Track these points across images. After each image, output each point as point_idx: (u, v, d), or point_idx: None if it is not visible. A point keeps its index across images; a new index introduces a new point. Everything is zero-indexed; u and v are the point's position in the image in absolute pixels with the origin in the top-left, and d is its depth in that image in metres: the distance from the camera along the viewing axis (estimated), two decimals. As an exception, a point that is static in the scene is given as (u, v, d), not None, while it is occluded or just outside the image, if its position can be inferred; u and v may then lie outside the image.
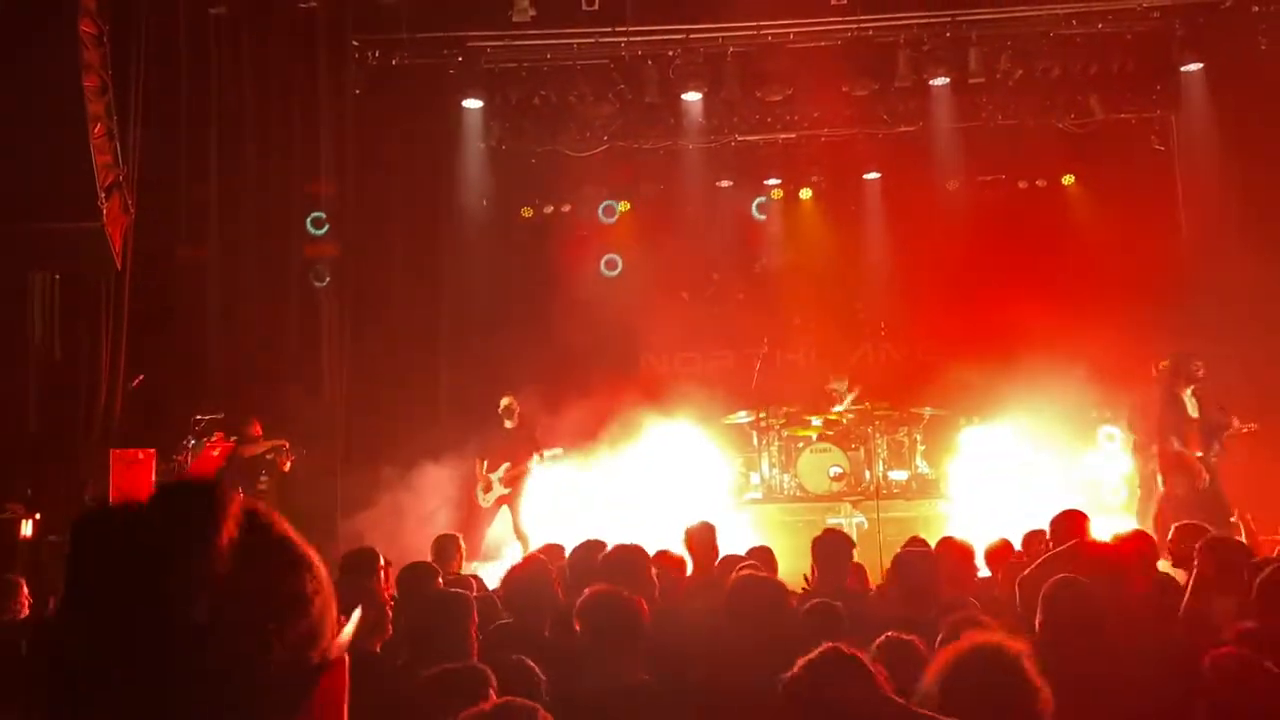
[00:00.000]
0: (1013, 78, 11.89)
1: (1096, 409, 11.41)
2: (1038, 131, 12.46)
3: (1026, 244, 12.92)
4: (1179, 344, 10.54)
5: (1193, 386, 9.03)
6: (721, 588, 5.15)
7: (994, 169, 13.39)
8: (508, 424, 10.59)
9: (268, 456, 9.61)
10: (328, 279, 10.79)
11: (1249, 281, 10.19)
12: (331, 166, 10.90)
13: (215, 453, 8.87)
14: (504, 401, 10.59)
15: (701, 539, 6.21)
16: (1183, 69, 11.68)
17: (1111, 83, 11.95)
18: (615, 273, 13.82)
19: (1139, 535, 5.82)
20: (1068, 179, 13.45)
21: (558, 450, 10.71)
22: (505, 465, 10.51)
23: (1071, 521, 5.80)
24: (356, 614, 1.04)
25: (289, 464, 9.70)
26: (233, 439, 9.00)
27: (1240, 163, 11.29)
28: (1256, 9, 10.94)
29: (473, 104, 12.00)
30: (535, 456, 10.51)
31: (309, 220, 12.30)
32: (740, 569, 5.12)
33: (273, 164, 10.46)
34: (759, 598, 3.96)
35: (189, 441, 8.62)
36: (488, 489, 10.53)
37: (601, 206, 13.83)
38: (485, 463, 10.59)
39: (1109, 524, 9.08)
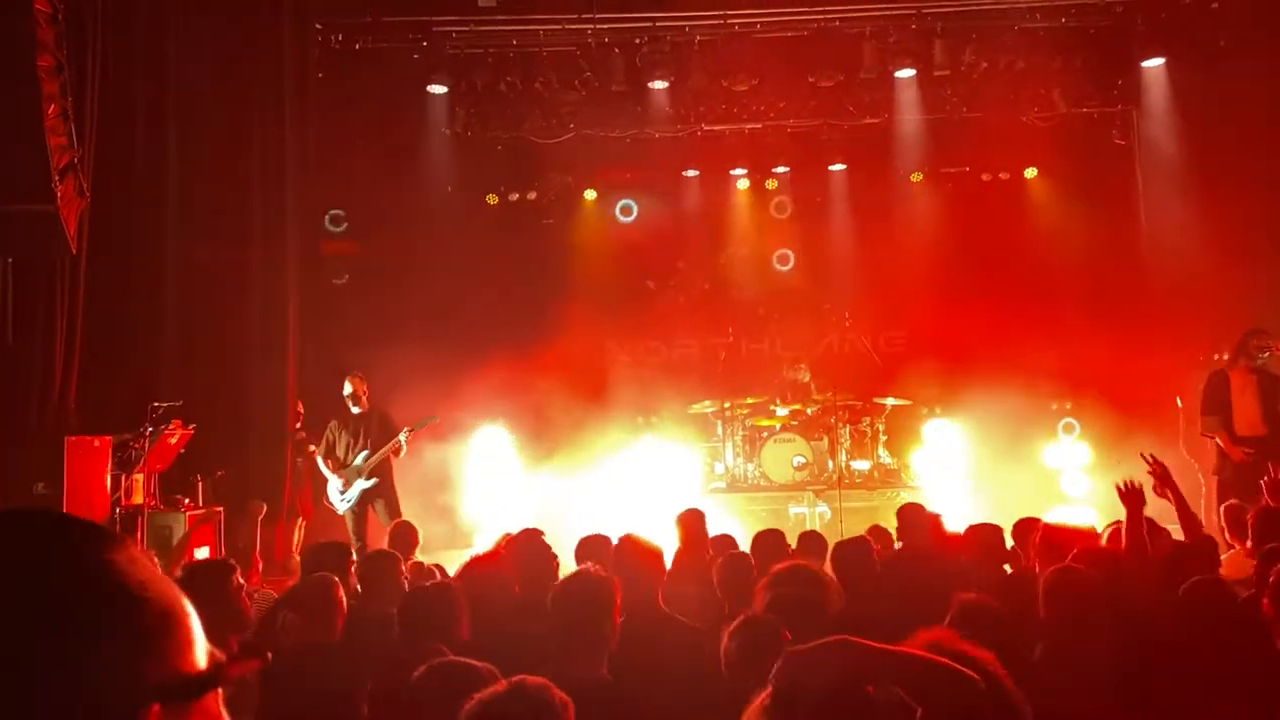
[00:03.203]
0: (977, 71, 11.97)
1: (1057, 401, 11.56)
2: (1001, 124, 12.56)
3: (990, 236, 13.05)
4: (1138, 335, 10.70)
5: (1257, 364, 8.66)
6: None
7: (958, 161, 13.49)
8: (355, 409, 9.50)
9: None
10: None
11: (1207, 274, 10.34)
12: (294, 151, 10.75)
13: (173, 440, 8.73)
14: (348, 386, 9.50)
15: (692, 524, 6.25)
16: (1144, 64, 11.82)
17: (1074, 77, 12.06)
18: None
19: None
20: (1030, 172, 13.58)
21: (429, 418, 9.72)
22: (364, 454, 9.39)
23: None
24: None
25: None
26: (191, 426, 8.86)
27: (1199, 157, 11.45)
28: (1216, 5, 11.07)
29: (438, 90, 11.90)
30: (403, 435, 9.35)
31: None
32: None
33: (233, 147, 10.28)
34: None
35: (146, 429, 8.48)
36: (345, 487, 9.34)
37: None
38: (329, 461, 9.49)
39: (1068, 514, 9.23)
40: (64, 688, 0.86)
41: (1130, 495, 4.97)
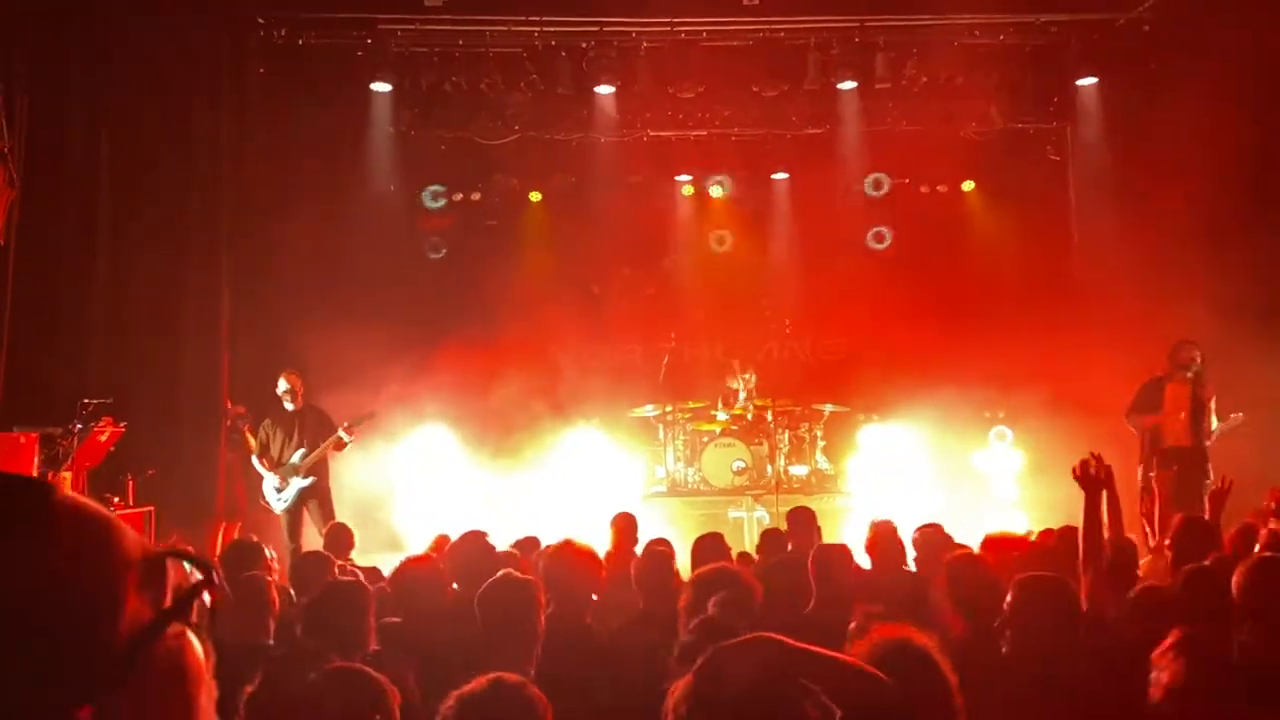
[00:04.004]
0: (917, 84, 12.18)
1: (989, 409, 11.80)
2: (940, 138, 12.79)
3: (927, 247, 13.30)
4: (1069, 344, 10.97)
5: (1185, 375, 8.86)
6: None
7: (898, 173, 13.69)
8: (289, 406, 9.37)
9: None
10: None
11: (1136, 286, 10.65)
12: (233, 145, 10.59)
13: (103, 438, 8.55)
14: (282, 382, 9.37)
15: (623, 528, 6.26)
16: (1078, 83, 12.12)
17: (1011, 93, 12.31)
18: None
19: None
20: (968, 185, 13.84)
21: (367, 415, 9.65)
22: (301, 451, 9.28)
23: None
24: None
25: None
26: (122, 424, 8.68)
27: (1130, 174, 11.79)
28: (1147, 29, 11.42)
29: (381, 88, 11.80)
30: (341, 432, 9.27)
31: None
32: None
33: (169, 139, 10.10)
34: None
35: (75, 426, 8.29)
36: (282, 485, 9.25)
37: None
38: (264, 459, 9.38)
39: (998, 520, 9.42)
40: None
41: (1089, 479, 4.49)
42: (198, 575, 0.98)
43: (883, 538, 5.85)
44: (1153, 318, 9.92)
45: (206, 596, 0.99)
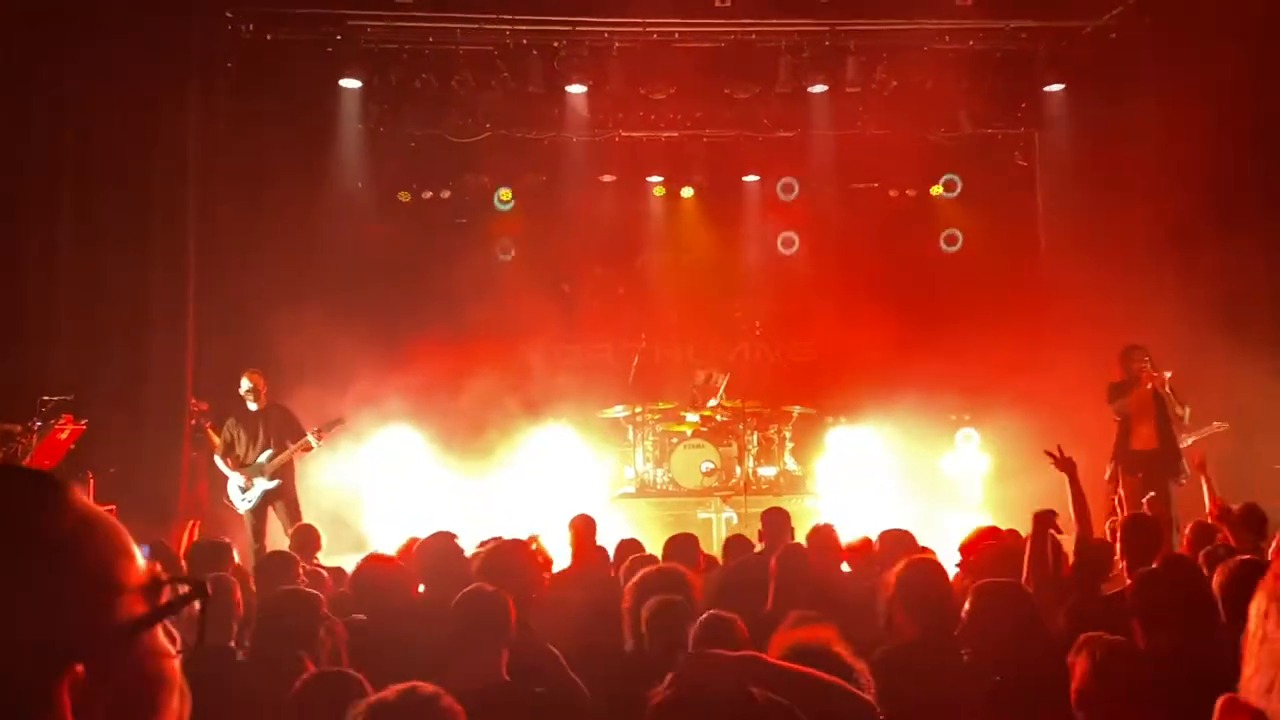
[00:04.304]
0: (888, 89, 12.25)
1: (956, 412, 11.89)
2: (910, 142, 12.87)
3: (896, 251, 13.38)
4: (1036, 348, 11.09)
5: (1138, 379, 8.91)
6: (602, 580, 5.18)
7: (867, 177, 13.77)
8: (252, 405, 9.22)
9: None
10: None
11: (1101, 289, 10.77)
12: (200, 141, 10.46)
13: (63, 435, 8.42)
14: (245, 382, 9.22)
15: (582, 530, 6.24)
16: (1046, 89, 12.24)
17: (980, 99, 12.42)
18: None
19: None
20: (936, 189, 13.94)
21: (337, 421, 9.54)
22: (268, 452, 9.16)
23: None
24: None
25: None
26: (82, 422, 8.55)
27: (1096, 180, 11.92)
28: (1114, 36, 11.54)
29: (351, 84, 11.70)
30: (309, 436, 9.18)
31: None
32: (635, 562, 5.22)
33: (134, 134, 9.95)
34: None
35: (35, 423, 8.16)
36: (247, 486, 9.13)
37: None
38: (228, 459, 9.24)
39: (965, 521, 9.49)
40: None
41: (1063, 461, 4.74)
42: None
43: (818, 540, 5.88)
44: (1118, 321, 10.03)
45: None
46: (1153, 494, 7.54)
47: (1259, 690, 0.79)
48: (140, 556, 1.00)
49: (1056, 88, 12.17)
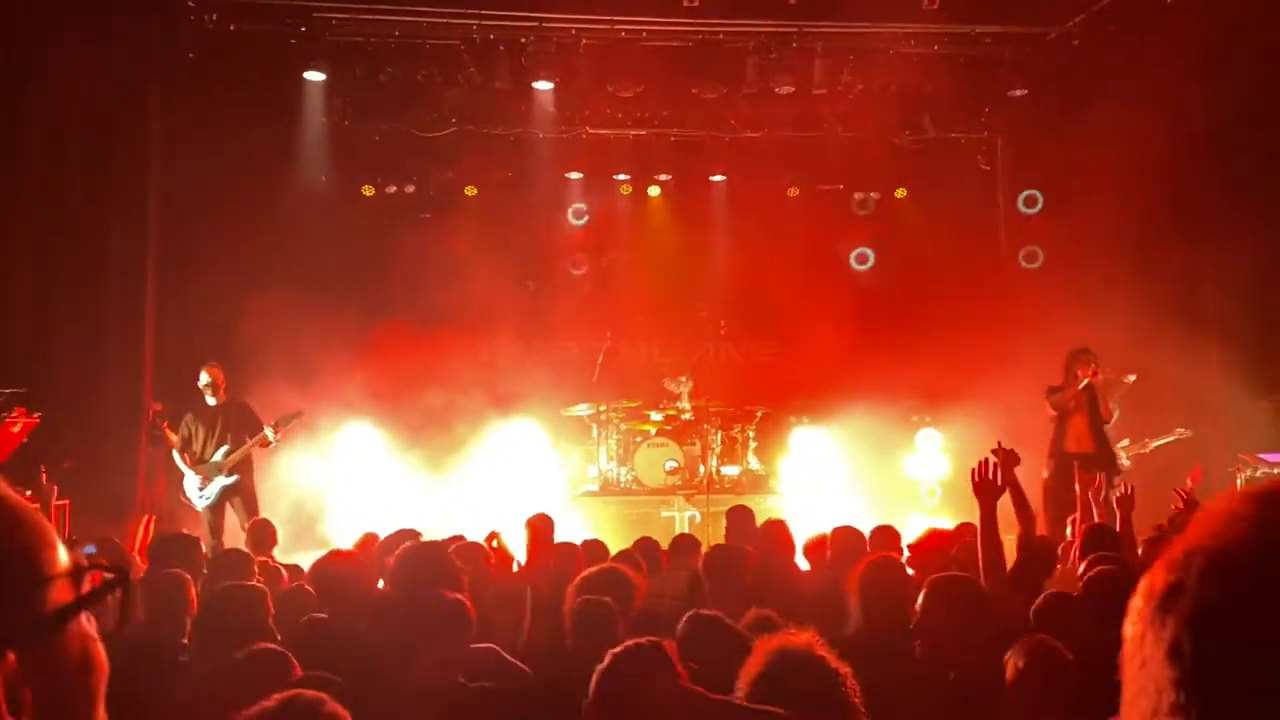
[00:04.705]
0: (853, 91, 12.31)
1: (917, 413, 11.98)
2: (874, 145, 12.95)
3: (859, 252, 13.46)
4: (997, 350, 11.19)
5: (1080, 383, 9.03)
6: (557, 577, 5.15)
7: (832, 178, 13.84)
8: (211, 400, 9.17)
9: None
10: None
11: (1061, 293, 10.89)
12: (161, 133, 10.32)
13: (16, 429, 8.27)
14: (204, 376, 9.14)
15: (540, 530, 6.19)
16: (1010, 94, 12.36)
17: (944, 103, 12.52)
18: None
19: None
20: (900, 192, 14.04)
21: (295, 414, 9.44)
22: (224, 449, 9.08)
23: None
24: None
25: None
26: (36, 415, 8.40)
27: (1056, 185, 12.06)
28: (1077, 43, 11.68)
29: (315, 76, 11.58)
30: (267, 430, 9.09)
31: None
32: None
33: (94, 126, 9.80)
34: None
35: (-13, 417, 8.01)
36: (204, 483, 9.03)
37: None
38: (185, 455, 9.10)
39: (925, 522, 9.56)
40: None
41: (984, 485, 4.36)
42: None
43: (769, 536, 5.91)
44: (1079, 323, 10.16)
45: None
46: (1120, 492, 7.58)
47: (1144, 715, 0.78)
48: (61, 546, 1.01)
49: (1020, 93, 12.29)
